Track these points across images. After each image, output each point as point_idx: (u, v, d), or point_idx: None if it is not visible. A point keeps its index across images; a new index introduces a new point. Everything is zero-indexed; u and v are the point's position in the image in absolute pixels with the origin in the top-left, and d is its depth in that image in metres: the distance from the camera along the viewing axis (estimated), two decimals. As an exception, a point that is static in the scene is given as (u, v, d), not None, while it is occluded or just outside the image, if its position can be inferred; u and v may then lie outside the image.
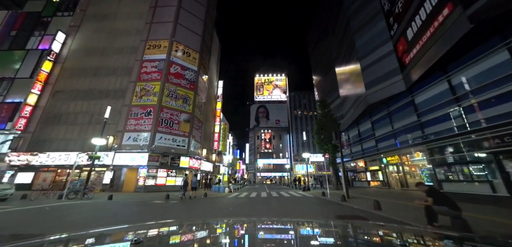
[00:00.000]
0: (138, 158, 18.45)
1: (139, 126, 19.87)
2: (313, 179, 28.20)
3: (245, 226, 1.70)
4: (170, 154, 20.11)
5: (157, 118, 20.18)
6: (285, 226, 1.79)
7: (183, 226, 1.74)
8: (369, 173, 25.50)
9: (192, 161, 22.34)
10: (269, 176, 63.42)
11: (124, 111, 20.42)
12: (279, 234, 1.55)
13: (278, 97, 75.72)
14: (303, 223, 2.00)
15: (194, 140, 23.39)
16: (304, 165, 59.18)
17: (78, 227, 5.55)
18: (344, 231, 1.56)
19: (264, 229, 1.64)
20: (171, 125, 21.08)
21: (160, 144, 19.65)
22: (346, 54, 30.76)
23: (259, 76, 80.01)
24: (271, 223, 1.95)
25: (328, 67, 42.36)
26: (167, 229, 1.61)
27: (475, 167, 11.52)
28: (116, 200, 11.78)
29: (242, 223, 1.88)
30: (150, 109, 20.53)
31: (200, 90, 26.21)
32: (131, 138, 19.27)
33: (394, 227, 1.82)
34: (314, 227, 1.73)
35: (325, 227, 1.75)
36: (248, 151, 75.14)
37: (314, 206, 9.87)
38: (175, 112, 21.74)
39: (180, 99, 22.62)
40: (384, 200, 10.97)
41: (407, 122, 18.16)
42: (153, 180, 18.74)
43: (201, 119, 26.16)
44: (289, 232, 1.56)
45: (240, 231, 1.56)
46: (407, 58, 17.29)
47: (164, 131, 20.38)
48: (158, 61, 22.74)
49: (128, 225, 1.59)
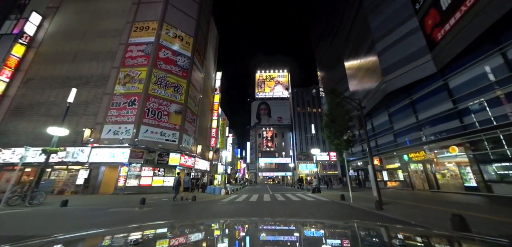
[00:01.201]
0: (119, 154, 15.69)
1: (121, 117, 17.12)
2: (316, 179, 25.22)
3: (246, 227, 1.68)
4: (157, 150, 17.32)
5: (143, 108, 17.41)
6: (287, 226, 1.79)
7: (183, 227, 1.72)
8: (386, 172, 22.50)
9: (184, 158, 19.54)
10: (271, 175, 60.54)
11: (105, 100, 17.68)
12: (281, 234, 1.53)
13: (280, 94, 72.72)
14: (305, 223, 1.96)
15: (186, 134, 20.59)
16: (308, 164, 56.19)
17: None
18: (345, 231, 1.56)
19: (265, 229, 1.62)
20: (159, 116, 18.29)
21: (145, 137, 16.87)
22: (357, 41, 27.76)
23: (260, 73, 77.09)
24: (273, 223, 1.92)
25: (334, 60, 39.33)
26: (167, 230, 1.61)
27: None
28: (75, 206, 9.00)
29: (243, 223, 1.92)
30: (135, 98, 17.77)
31: (194, 80, 23.41)
32: (111, 131, 16.52)
33: (395, 227, 1.74)
34: (315, 227, 1.74)
35: (326, 228, 1.68)
36: (249, 150, 72.33)
37: (343, 218, 6.97)
38: (164, 102, 18.95)
39: (170, 88, 19.82)
40: (436, 207, 8.06)
41: (437, 111, 15.18)
42: (136, 180, 15.97)
43: (195, 112, 23.36)
44: (290, 232, 1.56)
45: (241, 231, 1.55)
46: (440, 33, 14.30)
47: (151, 123, 17.59)
48: (146, 44, 19.97)
49: (126, 225, 1.59)
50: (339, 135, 20.02)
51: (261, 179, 59.84)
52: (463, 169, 13.37)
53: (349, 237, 1.39)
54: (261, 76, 76.87)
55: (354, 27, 29.50)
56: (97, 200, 11.38)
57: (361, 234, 1.39)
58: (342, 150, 19.62)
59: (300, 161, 56.02)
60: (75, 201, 10.78)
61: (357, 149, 28.08)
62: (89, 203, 10.01)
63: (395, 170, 21.13)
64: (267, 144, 63.45)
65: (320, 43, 50.13)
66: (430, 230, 1.41)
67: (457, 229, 4.46)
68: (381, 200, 8.22)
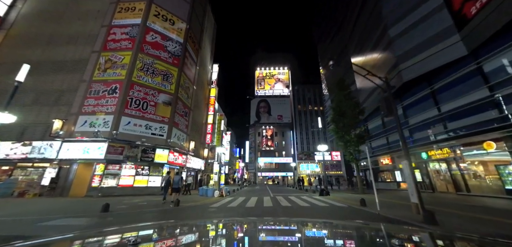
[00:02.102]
0: (94, 149, 13.39)
1: (99, 107, 14.82)
2: (317, 179, 23.06)
3: (245, 226, 1.70)
4: (141, 145, 15.03)
5: (125, 97, 15.13)
6: (287, 226, 1.78)
7: (183, 227, 1.71)
8: (400, 172, 20.28)
9: (174, 155, 17.26)
10: (271, 176, 58.25)
11: (81, 88, 15.38)
12: (281, 233, 1.52)
13: (280, 92, 70.59)
14: (306, 223, 1.96)
15: (177, 128, 18.31)
16: (309, 163, 53.94)
17: None
18: (345, 231, 1.54)
19: (265, 229, 1.62)
20: (145, 106, 16.01)
21: (127, 130, 14.58)
22: (364, 32, 25.56)
23: (260, 70, 74.91)
24: (273, 223, 1.93)
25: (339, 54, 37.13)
26: (167, 229, 1.58)
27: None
28: (2, 216, 6.71)
29: (243, 223, 1.97)
30: (116, 85, 15.48)
31: (187, 69, 21.13)
32: (87, 123, 14.22)
33: (395, 228, 1.74)
34: (316, 227, 1.72)
35: (327, 228, 1.67)
36: (248, 149, 70.03)
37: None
38: (150, 91, 16.67)
39: (158, 76, 17.54)
40: (499, 219, 5.83)
41: (467, 100, 13.00)
42: (115, 179, 13.67)
43: (188, 105, 21.08)
44: (290, 232, 1.54)
45: (241, 231, 1.55)
46: (473, 7, 12.08)
47: (134, 114, 15.31)
48: (131, 26, 17.68)
49: (125, 225, 1.58)
50: (349, 130, 17.80)
51: (261, 179, 57.56)
52: (503, 168, 11.16)
53: (346, 236, 1.39)
54: (261, 73, 74.64)
55: (360, 18, 27.34)
56: (54, 205, 9.08)
57: (358, 234, 1.43)
58: (351, 147, 17.40)
59: (301, 160, 53.77)
60: (22, 206, 8.50)
61: (376, 144, 25.31)
62: (35, 210, 7.71)
63: (410, 169, 18.90)
64: (266, 143, 61.19)
65: (323, 37, 47.93)
66: (426, 230, 1.39)
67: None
68: (424, 208, 6.00)
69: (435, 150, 15.78)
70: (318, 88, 64.20)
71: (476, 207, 8.30)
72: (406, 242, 1.15)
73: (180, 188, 13.75)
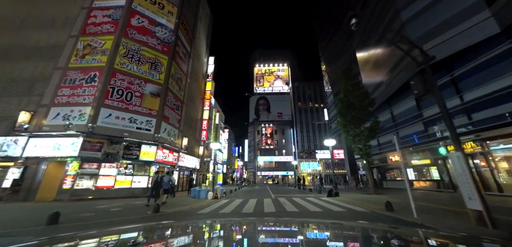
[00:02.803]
0: (67, 145, 11.52)
1: (75, 97, 12.93)
2: (318, 178, 21.28)
3: (245, 227, 1.66)
4: (124, 140, 13.17)
5: (105, 86, 13.25)
6: (288, 227, 1.73)
7: (183, 226, 1.70)
8: (412, 170, 18.55)
9: (163, 152, 15.42)
10: (271, 175, 56.47)
11: (55, 76, 13.47)
12: (281, 233, 1.50)
13: (280, 89, 68.69)
14: (307, 223, 1.93)
15: (167, 123, 16.45)
16: (310, 162, 52.23)
17: None
18: (345, 231, 1.51)
19: (265, 228, 1.60)
20: (129, 97, 14.14)
21: (107, 124, 12.71)
22: (370, 20, 23.77)
23: (259, 66, 73.00)
24: (273, 223, 1.88)
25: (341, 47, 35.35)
26: (166, 229, 1.56)
27: None
28: None
29: (242, 223, 1.92)
30: (95, 73, 13.59)
31: (179, 58, 19.27)
32: (60, 116, 12.32)
33: (395, 228, 1.61)
34: (316, 227, 1.67)
35: (327, 228, 1.63)
36: (247, 148, 68.20)
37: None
38: (136, 80, 14.80)
39: (145, 64, 15.67)
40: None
41: (499, 86, 11.27)
42: (92, 180, 11.79)
43: (180, 98, 19.21)
44: (290, 232, 1.51)
45: (241, 230, 1.53)
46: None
47: (116, 106, 13.43)
48: (114, 9, 15.78)
49: (124, 226, 1.58)
50: (358, 123, 16.04)
51: (260, 178, 55.77)
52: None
53: (346, 236, 1.37)
54: (260, 70, 72.74)
55: (367, 4, 25.55)
56: (4, 213, 7.23)
57: (363, 235, 1.39)
58: (361, 142, 15.64)
59: (302, 159, 52.02)
60: None
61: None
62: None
63: (425, 166, 17.19)
64: (266, 141, 59.38)
65: (324, 31, 46.06)
66: (426, 230, 1.43)
67: None
68: (492, 222, 4.23)
69: (455, 145, 14.02)
70: (318, 85, 62.49)
71: None
72: (407, 241, 1.10)
73: (170, 189, 12.14)
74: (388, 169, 22.12)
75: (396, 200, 9.21)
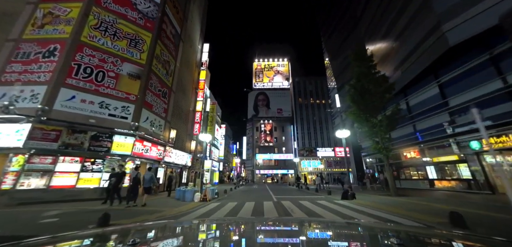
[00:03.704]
0: (9, 133, 8.95)
1: (28, 74, 10.36)
2: (319, 177, 19.01)
3: (244, 226, 1.65)
4: (91, 129, 10.62)
5: (68, 62, 10.69)
6: (289, 227, 1.72)
7: (182, 226, 1.69)
8: (433, 168, 16.19)
9: (143, 144, 12.92)
10: (270, 173, 54.10)
11: (5, 49, 10.86)
12: (280, 233, 1.48)
13: (280, 85, 66.29)
14: (308, 223, 1.93)
15: (150, 111, 13.93)
16: (311, 160, 49.81)
17: None
18: (346, 231, 1.52)
19: (264, 228, 1.59)
20: (101, 77, 11.59)
21: (70, 108, 10.17)
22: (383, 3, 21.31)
23: (258, 61, 70.48)
24: (272, 223, 1.84)
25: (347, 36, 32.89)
26: (166, 229, 1.55)
27: None
28: None
29: (242, 222, 1.90)
30: (56, 46, 11.01)
31: (166, 38, 16.71)
32: (7, 96, 9.72)
33: (395, 227, 1.66)
34: (316, 227, 1.68)
35: (327, 228, 1.64)
36: (245, 145, 65.75)
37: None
38: (110, 58, 12.24)
39: (123, 40, 13.10)
40: None
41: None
42: (44, 178, 9.25)
43: (168, 84, 16.67)
44: (290, 232, 1.49)
45: (241, 230, 1.53)
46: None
47: (83, 87, 10.88)
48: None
49: (123, 225, 1.54)
50: (375, 111, 13.67)
51: (259, 177, 53.38)
52: None
53: (346, 236, 1.36)
54: (259, 65, 70.20)
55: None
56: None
57: (358, 233, 1.40)
58: (379, 134, 13.24)
59: (302, 157, 49.56)
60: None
61: (405, 131, 20.31)
62: None
63: (450, 163, 14.82)
64: (265, 138, 56.94)
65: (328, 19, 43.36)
66: (432, 229, 1.40)
67: None
68: None
69: (493, 138, 11.65)
70: (320, 80, 60.10)
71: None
72: (407, 241, 1.09)
73: (153, 187, 9.94)
74: (402, 167, 19.76)
75: (431, 204, 6.82)
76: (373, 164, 26.20)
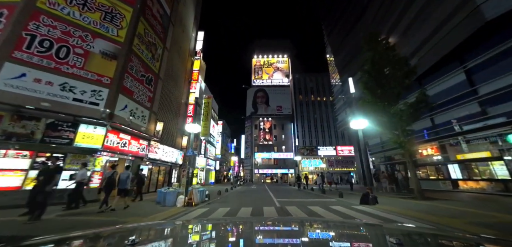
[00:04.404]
0: None
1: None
2: (320, 177, 17.15)
3: (243, 227, 1.62)
4: (46, 115, 8.44)
5: (16, 30, 8.50)
6: (289, 227, 1.71)
7: (181, 226, 1.67)
8: (458, 166, 14.18)
9: (120, 137, 10.77)
10: (269, 173, 52.07)
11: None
12: (280, 233, 1.46)
13: (279, 82, 64.27)
14: (308, 222, 1.90)
15: (129, 97, 11.75)
16: (312, 159, 47.82)
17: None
18: (346, 231, 1.48)
19: (264, 228, 1.56)
20: (64, 54, 9.41)
21: (15, 87, 7.97)
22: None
23: (258, 58, 68.46)
24: (272, 223, 1.81)
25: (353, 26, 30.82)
26: (165, 229, 1.55)
27: None
28: None
29: (241, 222, 1.89)
30: (2, 11, 8.81)
31: (152, 17, 14.52)
32: None
33: (395, 227, 1.58)
34: (316, 227, 1.65)
35: (327, 228, 1.62)
36: (244, 144, 63.63)
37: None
38: (77, 31, 10.05)
39: (96, 12, 10.91)
40: None
41: None
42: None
43: (154, 70, 14.48)
44: (290, 232, 1.48)
45: (240, 230, 1.51)
46: None
47: (38, 63, 8.70)
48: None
49: (123, 225, 1.57)
50: (394, 98, 11.65)
51: (258, 177, 51.31)
52: None
53: (346, 235, 1.34)
54: (258, 61, 68.13)
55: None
56: None
57: (358, 233, 1.38)
58: (401, 125, 11.19)
59: (303, 156, 47.51)
60: None
61: (421, 125, 18.40)
62: None
63: (480, 161, 12.81)
64: (264, 137, 54.85)
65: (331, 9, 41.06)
66: (426, 230, 1.34)
67: None
68: None
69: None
70: (321, 77, 58.03)
71: None
72: (407, 241, 1.07)
73: (130, 189, 8.17)
74: (417, 165, 17.74)
75: (475, 211, 4.76)
76: (378, 163, 24.25)
